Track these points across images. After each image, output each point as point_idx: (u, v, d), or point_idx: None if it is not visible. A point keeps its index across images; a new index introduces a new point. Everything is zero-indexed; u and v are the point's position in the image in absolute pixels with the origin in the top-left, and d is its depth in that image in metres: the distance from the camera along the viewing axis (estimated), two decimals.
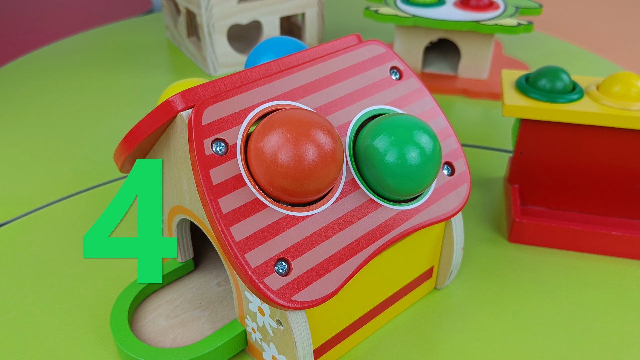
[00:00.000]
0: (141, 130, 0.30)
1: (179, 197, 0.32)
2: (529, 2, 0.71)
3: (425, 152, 0.29)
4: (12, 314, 0.38)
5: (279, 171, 0.26)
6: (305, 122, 0.26)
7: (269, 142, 0.26)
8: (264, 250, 0.26)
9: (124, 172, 0.35)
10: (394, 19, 0.66)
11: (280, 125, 0.26)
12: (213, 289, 0.38)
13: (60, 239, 0.45)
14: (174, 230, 0.35)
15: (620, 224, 0.44)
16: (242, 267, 0.26)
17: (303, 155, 0.25)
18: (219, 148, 0.27)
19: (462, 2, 0.69)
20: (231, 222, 0.26)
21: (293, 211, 0.28)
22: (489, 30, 0.64)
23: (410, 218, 0.31)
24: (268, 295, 0.26)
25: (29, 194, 0.51)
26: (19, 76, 0.75)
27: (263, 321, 0.30)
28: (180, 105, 0.28)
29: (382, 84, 0.34)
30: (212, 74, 0.74)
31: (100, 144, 0.59)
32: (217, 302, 0.37)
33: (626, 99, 0.39)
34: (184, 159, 0.29)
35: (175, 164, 0.30)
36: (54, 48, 0.84)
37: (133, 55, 0.80)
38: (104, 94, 0.69)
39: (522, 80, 0.43)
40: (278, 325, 0.29)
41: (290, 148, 0.25)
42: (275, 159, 0.26)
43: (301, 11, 0.76)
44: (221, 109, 0.27)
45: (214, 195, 0.26)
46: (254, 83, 0.29)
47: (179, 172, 0.30)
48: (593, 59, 0.79)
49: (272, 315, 0.29)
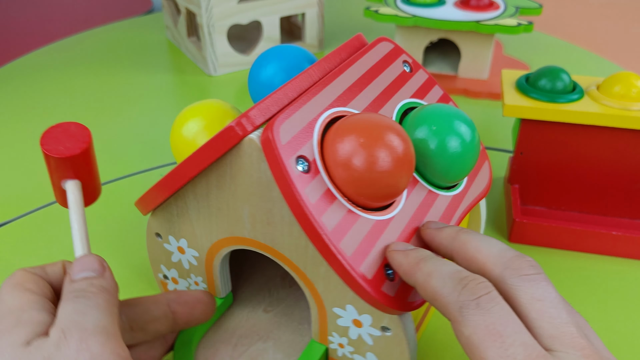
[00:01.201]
0: (192, 167, 0.28)
1: (232, 228, 0.30)
2: (529, 2, 0.71)
3: (472, 136, 0.30)
4: None
5: (372, 179, 0.25)
6: (382, 127, 0.26)
7: (358, 152, 0.25)
8: (372, 260, 0.26)
9: (146, 214, 0.33)
10: (394, 19, 0.66)
11: (361, 132, 0.25)
12: (262, 317, 0.36)
13: (60, 239, 0.45)
14: (218, 266, 0.33)
15: (620, 224, 0.44)
16: (361, 281, 0.25)
17: (393, 159, 0.25)
18: (303, 166, 0.25)
19: (462, 2, 0.69)
20: (339, 239, 0.25)
21: (378, 215, 0.27)
22: (489, 30, 0.64)
23: (461, 202, 0.32)
24: (389, 303, 0.25)
25: (29, 194, 0.51)
26: (19, 76, 0.75)
27: (359, 333, 0.29)
28: (249, 128, 0.26)
29: (401, 78, 0.34)
30: (212, 74, 0.74)
31: (100, 143, 0.59)
32: (275, 329, 0.35)
33: (626, 99, 0.39)
34: (248, 185, 0.27)
35: (231, 193, 0.28)
36: (54, 48, 0.84)
37: (133, 55, 0.80)
38: (103, 94, 0.69)
39: (522, 80, 0.43)
40: (383, 332, 0.28)
41: (381, 154, 0.25)
42: (368, 167, 0.25)
43: (301, 11, 0.76)
44: (292, 125, 0.26)
45: (317, 215, 0.25)
46: (307, 94, 0.27)
47: (235, 200, 0.28)
48: (593, 59, 0.79)
49: (375, 324, 0.28)
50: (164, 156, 0.56)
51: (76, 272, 0.26)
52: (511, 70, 0.45)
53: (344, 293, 0.28)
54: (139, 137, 0.60)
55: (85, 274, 0.26)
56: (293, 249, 0.28)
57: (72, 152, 0.28)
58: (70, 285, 0.25)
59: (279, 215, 0.27)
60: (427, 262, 0.24)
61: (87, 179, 0.30)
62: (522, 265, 0.23)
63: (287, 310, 0.36)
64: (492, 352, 0.21)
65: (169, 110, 0.66)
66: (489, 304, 0.22)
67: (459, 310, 0.22)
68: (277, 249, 0.28)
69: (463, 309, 0.22)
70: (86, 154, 0.29)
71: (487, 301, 0.22)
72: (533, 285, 0.22)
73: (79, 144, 0.28)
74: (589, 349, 0.21)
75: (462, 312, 0.22)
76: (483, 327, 0.21)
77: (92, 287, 0.25)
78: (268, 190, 0.26)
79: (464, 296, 0.22)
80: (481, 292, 0.22)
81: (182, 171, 0.28)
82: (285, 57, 0.33)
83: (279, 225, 0.27)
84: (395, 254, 0.26)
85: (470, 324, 0.21)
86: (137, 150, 0.58)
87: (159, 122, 0.63)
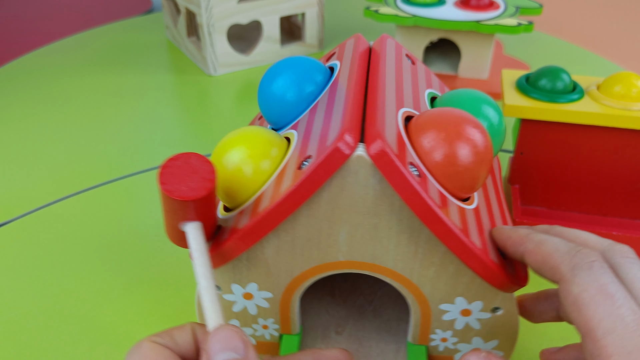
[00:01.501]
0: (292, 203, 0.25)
1: (323, 255, 0.28)
2: (529, 2, 0.71)
3: (499, 120, 0.31)
4: (12, 314, 0.38)
5: (475, 170, 0.26)
6: (465, 120, 0.27)
7: (462, 147, 0.26)
8: (490, 248, 0.27)
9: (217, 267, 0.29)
10: (394, 19, 0.66)
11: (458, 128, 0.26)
12: (339, 339, 0.35)
13: (60, 239, 0.45)
14: (297, 301, 0.31)
15: (620, 224, 0.44)
16: (495, 269, 0.26)
17: (487, 150, 0.26)
18: (414, 171, 0.25)
19: (463, 2, 0.69)
20: (467, 234, 0.26)
21: (470, 206, 0.28)
22: (489, 30, 0.64)
23: None
24: (514, 282, 0.27)
25: (29, 194, 0.51)
26: (19, 75, 0.75)
27: (466, 322, 0.30)
28: (354, 146, 0.24)
29: (413, 71, 0.34)
30: (212, 74, 0.74)
31: (100, 143, 0.59)
32: (358, 346, 0.34)
33: (627, 99, 0.39)
34: (349, 205, 0.26)
35: (326, 218, 0.27)
36: (54, 48, 0.84)
37: (133, 55, 0.80)
38: (103, 94, 0.69)
39: (523, 80, 0.43)
40: (493, 313, 0.29)
41: (477, 147, 0.26)
42: (472, 160, 0.26)
43: (301, 11, 0.76)
44: (388, 134, 0.25)
45: (445, 216, 0.25)
46: (372, 102, 0.27)
47: (332, 225, 0.27)
48: (593, 59, 0.79)
49: (485, 308, 0.29)
50: (164, 156, 0.56)
51: (216, 351, 0.21)
52: (511, 70, 0.45)
53: (454, 288, 0.28)
54: (139, 137, 0.60)
55: (226, 355, 0.21)
56: (399, 259, 0.28)
57: (198, 195, 0.23)
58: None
59: (386, 227, 0.26)
60: (538, 234, 0.26)
61: (208, 218, 0.26)
62: (623, 249, 0.24)
63: (358, 325, 0.36)
64: (603, 309, 0.21)
65: (169, 110, 0.66)
66: (601, 269, 0.23)
67: (571, 270, 0.23)
68: (379, 263, 0.28)
69: (575, 269, 0.23)
70: (211, 194, 0.24)
71: (599, 266, 0.23)
72: (635, 267, 0.23)
73: (204, 183, 0.24)
74: None
75: (574, 271, 0.23)
76: (595, 286, 0.22)
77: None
78: (374, 205, 0.26)
79: (577, 259, 0.23)
80: (594, 258, 0.23)
81: (278, 210, 0.25)
82: (296, 68, 0.31)
83: (384, 239, 0.27)
84: (504, 229, 0.27)
85: (582, 282, 0.22)
86: (137, 150, 0.58)
87: (159, 122, 0.63)
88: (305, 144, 0.27)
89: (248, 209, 0.27)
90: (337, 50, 0.36)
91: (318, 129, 0.27)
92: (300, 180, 0.24)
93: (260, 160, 0.27)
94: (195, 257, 0.24)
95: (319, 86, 0.31)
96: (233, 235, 0.26)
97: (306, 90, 0.31)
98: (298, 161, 0.26)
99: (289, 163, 0.27)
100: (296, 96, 0.31)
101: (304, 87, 0.31)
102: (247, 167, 0.27)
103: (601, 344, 0.21)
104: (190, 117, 0.65)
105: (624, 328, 0.21)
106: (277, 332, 0.32)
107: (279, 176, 0.27)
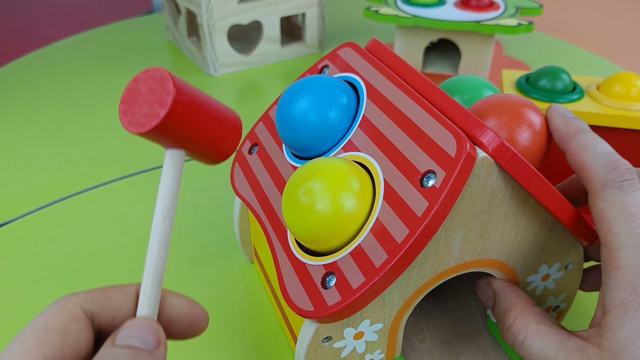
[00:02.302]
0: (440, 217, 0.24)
1: (436, 267, 0.27)
2: (529, 2, 0.71)
3: None
4: (12, 314, 0.38)
5: (530, 153, 0.28)
6: (525, 103, 0.29)
7: (538, 125, 0.28)
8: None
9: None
10: (395, 19, 0.66)
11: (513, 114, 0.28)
12: (426, 346, 0.35)
13: (60, 239, 0.45)
14: (404, 323, 0.29)
15: None
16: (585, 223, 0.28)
17: (543, 130, 0.29)
18: None
19: (463, 2, 0.69)
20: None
21: None
22: (489, 31, 0.64)
23: None
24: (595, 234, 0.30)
25: (29, 194, 0.51)
26: (19, 76, 0.75)
27: (545, 285, 0.32)
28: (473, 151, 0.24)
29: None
30: (213, 74, 0.74)
31: (100, 144, 0.59)
32: (450, 347, 0.34)
33: (627, 99, 0.39)
34: (468, 207, 0.25)
35: (445, 228, 0.26)
36: (54, 48, 0.84)
37: (133, 55, 0.80)
38: (104, 94, 0.69)
39: (523, 80, 0.43)
40: (565, 270, 0.32)
41: (534, 129, 0.28)
42: (544, 137, 0.28)
43: (301, 11, 0.76)
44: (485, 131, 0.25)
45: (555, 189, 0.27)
46: (445, 102, 0.27)
47: (448, 233, 0.26)
48: (593, 59, 0.79)
49: (561, 268, 0.31)
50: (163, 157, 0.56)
51: (122, 335, 0.19)
52: (511, 71, 0.45)
53: (540, 258, 0.30)
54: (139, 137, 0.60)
55: (131, 341, 0.19)
56: (501, 247, 0.28)
57: (149, 125, 0.18)
58: (109, 349, 0.19)
59: (496, 220, 0.27)
60: (585, 135, 0.27)
61: (193, 143, 0.20)
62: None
63: (436, 327, 0.36)
64: (621, 226, 0.24)
65: None
66: (631, 188, 0.25)
67: (602, 187, 0.25)
68: (485, 257, 0.28)
69: (606, 186, 0.25)
70: (175, 118, 0.19)
71: (629, 185, 0.25)
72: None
73: (157, 108, 0.19)
74: None
75: (604, 188, 0.25)
76: (620, 204, 0.25)
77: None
78: (489, 201, 0.26)
79: (611, 175, 0.25)
80: (627, 177, 0.25)
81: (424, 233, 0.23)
82: (317, 90, 0.30)
83: (492, 232, 0.27)
84: (556, 116, 0.28)
85: (609, 199, 0.25)
86: (138, 150, 0.58)
87: None
88: (402, 161, 0.26)
89: (371, 244, 0.25)
90: (332, 62, 0.34)
91: (409, 144, 0.26)
92: (443, 194, 0.23)
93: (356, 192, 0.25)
94: (159, 192, 0.20)
95: (352, 103, 0.30)
96: (371, 277, 0.24)
97: (342, 111, 0.30)
98: (410, 180, 0.25)
99: (393, 184, 0.26)
100: (340, 118, 0.29)
101: (327, 109, 0.29)
102: (349, 202, 0.25)
103: (615, 255, 0.24)
104: None
105: (636, 245, 0.24)
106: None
107: (392, 198, 0.25)
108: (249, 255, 0.41)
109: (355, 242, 0.25)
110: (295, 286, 0.26)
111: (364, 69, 0.31)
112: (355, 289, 0.24)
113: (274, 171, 0.32)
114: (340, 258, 0.25)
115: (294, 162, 0.31)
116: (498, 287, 0.30)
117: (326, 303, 0.24)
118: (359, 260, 0.24)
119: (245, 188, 0.34)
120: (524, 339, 0.27)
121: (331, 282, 0.25)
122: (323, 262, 0.26)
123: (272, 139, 0.34)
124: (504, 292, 0.29)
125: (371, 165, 0.27)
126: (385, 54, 0.32)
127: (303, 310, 0.25)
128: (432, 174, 0.24)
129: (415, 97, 0.27)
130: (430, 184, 0.24)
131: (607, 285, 0.25)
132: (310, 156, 0.31)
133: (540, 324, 0.27)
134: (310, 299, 0.25)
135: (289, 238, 0.29)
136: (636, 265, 0.24)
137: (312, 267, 0.26)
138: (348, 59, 0.33)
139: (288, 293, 0.27)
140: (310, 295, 0.25)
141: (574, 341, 0.25)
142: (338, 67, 0.33)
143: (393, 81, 0.29)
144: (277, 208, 0.31)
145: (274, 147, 0.34)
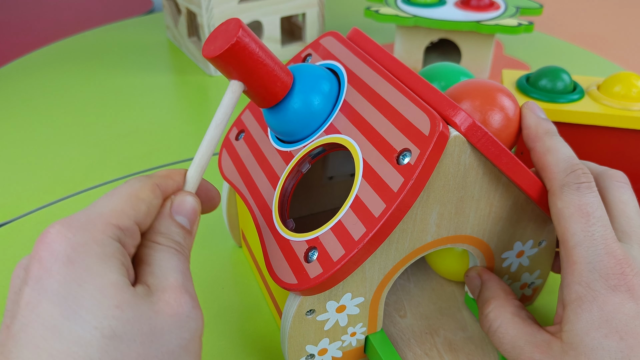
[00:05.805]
0: (414, 193, 0.25)
1: (414, 242, 0.28)
2: (529, 2, 0.71)
3: None
4: None
5: (502, 137, 0.29)
6: (499, 89, 0.30)
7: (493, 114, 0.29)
8: None
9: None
10: (395, 19, 0.66)
11: (486, 98, 0.29)
12: (408, 322, 0.35)
13: None
14: (384, 297, 0.30)
15: None
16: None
17: (515, 115, 0.30)
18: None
19: (463, 2, 0.69)
20: None
21: None
22: (489, 31, 0.64)
23: None
24: None
25: (29, 194, 0.51)
26: (19, 76, 0.75)
27: (519, 262, 0.33)
28: (447, 129, 0.25)
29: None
30: (213, 74, 0.74)
31: (100, 144, 0.59)
32: (430, 322, 0.35)
33: (627, 99, 0.39)
34: (443, 184, 0.27)
35: (421, 205, 0.27)
36: (55, 48, 0.84)
37: (133, 55, 0.80)
38: (104, 94, 0.69)
39: (523, 80, 0.43)
40: (539, 247, 0.33)
41: (507, 113, 0.29)
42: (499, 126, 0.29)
43: (302, 11, 0.76)
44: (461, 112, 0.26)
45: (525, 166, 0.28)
46: (414, 88, 0.28)
47: (425, 209, 0.27)
48: (593, 59, 0.79)
49: (534, 244, 0.33)
50: (164, 156, 0.56)
51: (178, 210, 0.24)
52: (511, 71, 0.45)
53: (514, 235, 0.31)
54: (140, 137, 0.60)
55: (182, 220, 0.24)
56: (476, 223, 0.30)
57: (218, 52, 0.25)
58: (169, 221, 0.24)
59: (469, 197, 0.28)
60: (552, 138, 0.29)
61: (251, 79, 0.27)
62: (618, 174, 0.29)
63: (416, 304, 0.37)
64: (577, 225, 0.26)
65: (169, 111, 0.66)
66: (587, 190, 0.26)
67: (561, 187, 0.27)
68: (460, 233, 0.30)
69: (564, 187, 0.27)
70: (235, 53, 0.25)
71: (585, 187, 0.26)
72: (622, 191, 0.28)
73: (228, 40, 0.25)
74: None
75: (562, 189, 0.27)
76: (576, 205, 0.26)
77: (184, 249, 0.24)
78: (463, 178, 0.27)
79: (569, 178, 0.27)
80: (584, 180, 0.26)
81: (400, 208, 0.25)
82: (301, 78, 0.30)
83: (466, 209, 0.28)
84: (529, 115, 0.30)
85: (566, 199, 0.26)
86: (138, 150, 0.58)
87: (159, 122, 0.63)
88: (380, 142, 0.27)
89: (350, 220, 0.26)
90: (315, 50, 0.35)
91: (386, 125, 0.27)
92: (417, 171, 0.24)
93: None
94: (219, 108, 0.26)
95: (334, 89, 0.31)
96: (351, 249, 0.25)
97: (325, 97, 0.30)
98: (387, 158, 0.26)
99: (372, 163, 0.26)
100: (323, 103, 0.30)
101: (313, 98, 0.30)
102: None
103: (570, 252, 0.26)
104: (190, 117, 0.65)
105: (590, 242, 0.25)
106: (364, 335, 0.32)
107: (370, 176, 0.26)
108: (237, 240, 0.43)
109: (336, 218, 0.26)
110: (280, 261, 0.28)
111: (345, 56, 0.32)
112: (336, 261, 0.25)
113: (259, 155, 0.33)
114: (322, 234, 0.26)
115: (279, 147, 0.32)
116: (486, 278, 0.32)
117: (308, 276, 0.26)
118: (340, 235, 0.26)
119: (233, 172, 0.35)
120: (498, 327, 0.29)
121: (313, 256, 0.26)
122: (306, 237, 0.27)
123: (258, 125, 0.35)
124: (490, 282, 0.31)
125: (351, 146, 0.28)
126: (365, 43, 0.32)
127: (287, 284, 0.27)
128: (408, 152, 0.25)
129: (392, 81, 0.28)
130: (405, 161, 0.25)
131: (564, 280, 0.26)
132: (294, 140, 0.32)
133: (516, 316, 0.29)
134: (294, 273, 0.27)
135: (273, 217, 0.30)
136: (590, 261, 0.25)
137: (295, 243, 0.27)
138: (330, 47, 0.34)
139: (273, 268, 0.28)
140: (293, 269, 0.27)
141: (542, 335, 0.27)
142: (320, 55, 0.34)
143: (372, 67, 0.30)
144: (263, 190, 0.32)
145: (259, 132, 0.35)
